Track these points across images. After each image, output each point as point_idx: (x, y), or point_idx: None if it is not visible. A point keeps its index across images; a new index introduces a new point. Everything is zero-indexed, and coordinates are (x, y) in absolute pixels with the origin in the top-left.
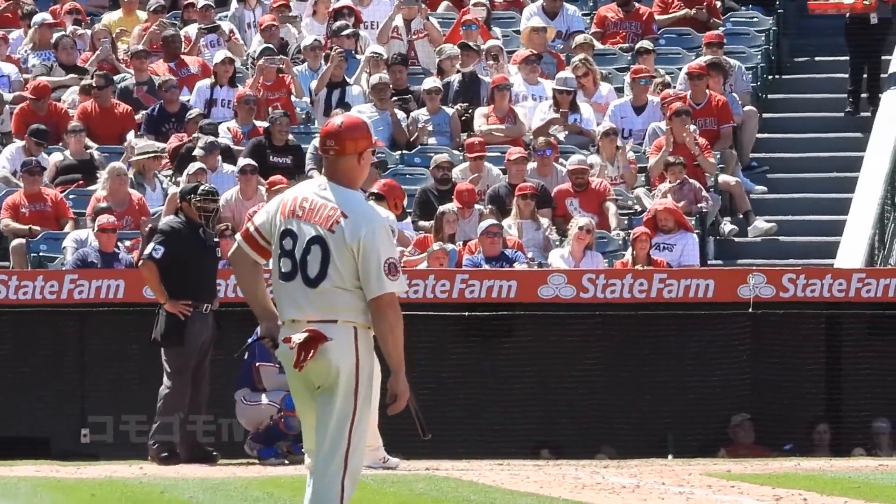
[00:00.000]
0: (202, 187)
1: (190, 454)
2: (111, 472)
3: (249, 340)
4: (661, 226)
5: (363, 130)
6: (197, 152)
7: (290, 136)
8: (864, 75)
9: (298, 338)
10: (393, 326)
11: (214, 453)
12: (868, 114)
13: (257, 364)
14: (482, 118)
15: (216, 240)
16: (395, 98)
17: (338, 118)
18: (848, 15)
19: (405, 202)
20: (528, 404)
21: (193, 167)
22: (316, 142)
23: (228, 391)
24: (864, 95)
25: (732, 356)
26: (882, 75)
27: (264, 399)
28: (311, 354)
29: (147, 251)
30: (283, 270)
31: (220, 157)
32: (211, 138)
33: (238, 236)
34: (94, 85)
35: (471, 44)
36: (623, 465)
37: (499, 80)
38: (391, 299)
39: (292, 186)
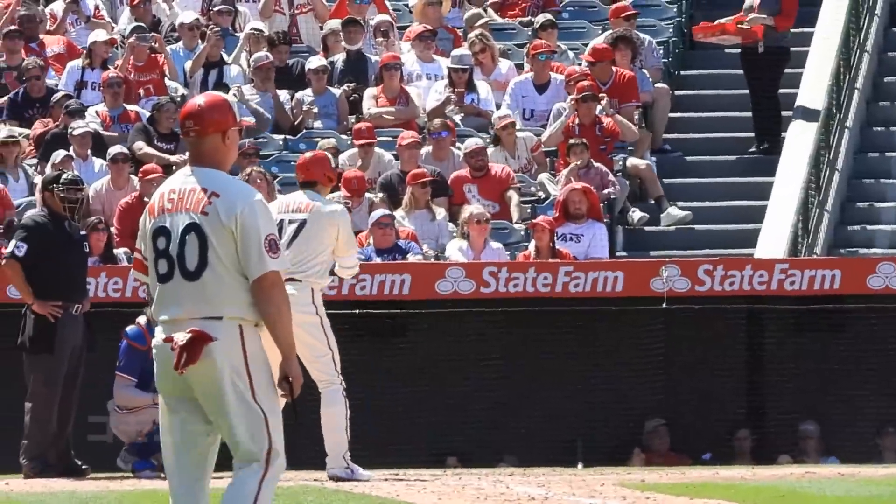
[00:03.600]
0: (65, 176)
1: (60, 467)
2: None
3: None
4: (574, 210)
5: (225, 109)
6: (76, 129)
7: None
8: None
9: (181, 338)
10: (280, 308)
11: (84, 466)
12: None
13: (116, 373)
14: (371, 100)
15: (83, 233)
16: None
17: (198, 97)
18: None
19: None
20: (424, 409)
21: (59, 155)
22: None
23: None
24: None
25: (645, 355)
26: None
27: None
28: (194, 357)
29: (9, 249)
30: (160, 272)
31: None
32: (83, 124)
33: (132, 270)
34: None
35: (357, 19)
36: (529, 473)
37: (388, 58)
38: (275, 278)
39: (165, 176)
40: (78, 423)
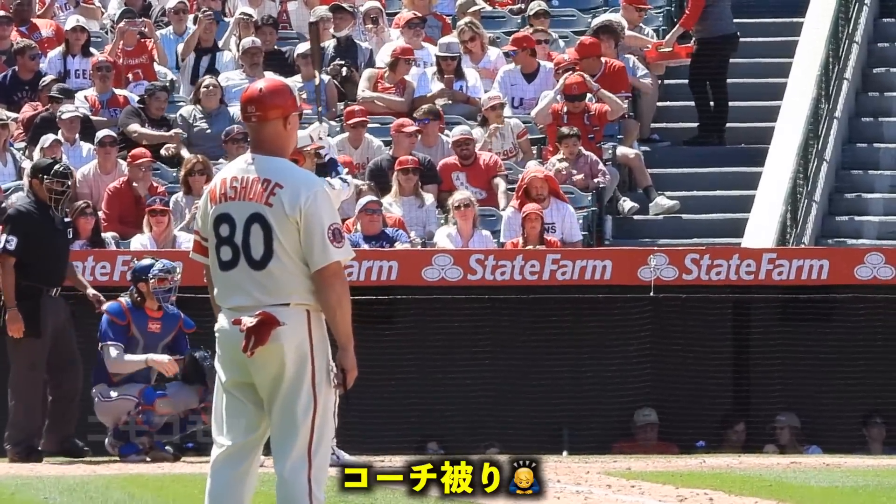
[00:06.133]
0: (56, 167)
1: (59, 447)
2: None
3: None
4: (536, 195)
5: (286, 93)
6: (65, 114)
7: None
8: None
9: (249, 321)
10: (340, 298)
11: (85, 448)
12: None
13: (100, 345)
14: (368, 81)
15: (67, 220)
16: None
17: (259, 82)
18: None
19: None
20: (410, 395)
21: (48, 140)
22: (183, 111)
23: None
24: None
25: (632, 344)
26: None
27: (119, 393)
28: (262, 339)
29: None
30: (223, 259)
31: (79, 129)
32: (72, 108)
33: (191, 253)
34: None
35: (345, 6)
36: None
37: (406, 50)
38: (337, 269)
39: (154, 160)
40: (78, 423)
